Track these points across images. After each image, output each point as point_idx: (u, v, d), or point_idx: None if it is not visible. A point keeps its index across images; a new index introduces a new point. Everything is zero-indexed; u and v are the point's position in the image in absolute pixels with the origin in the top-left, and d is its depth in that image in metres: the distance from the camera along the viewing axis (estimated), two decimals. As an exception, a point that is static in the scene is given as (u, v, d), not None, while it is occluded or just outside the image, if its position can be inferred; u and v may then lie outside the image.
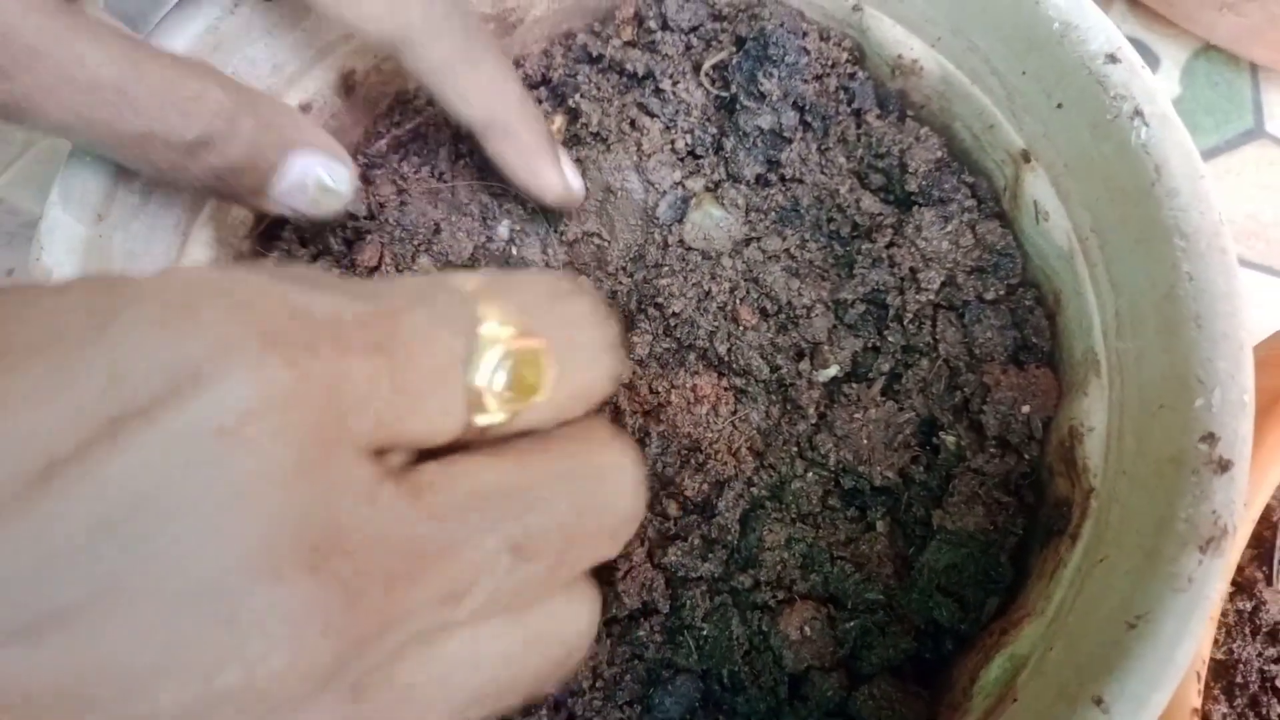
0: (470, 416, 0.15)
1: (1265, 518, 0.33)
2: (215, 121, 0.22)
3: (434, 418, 0.14)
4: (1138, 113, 0.24)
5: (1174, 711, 0.23)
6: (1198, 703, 0.23)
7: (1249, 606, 0.32)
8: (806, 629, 0.26)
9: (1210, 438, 0.21)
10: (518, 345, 0.15)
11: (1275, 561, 0.32)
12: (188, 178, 0.23)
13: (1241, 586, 0.32)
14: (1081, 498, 0.25)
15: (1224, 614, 0.32)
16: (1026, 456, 0.27)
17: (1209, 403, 0.22)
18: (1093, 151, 0.25)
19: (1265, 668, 0.31)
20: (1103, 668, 0.20)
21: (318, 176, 0.25)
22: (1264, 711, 0.31)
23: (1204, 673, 0.24)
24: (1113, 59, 0.25)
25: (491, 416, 0.15)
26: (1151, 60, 0.51)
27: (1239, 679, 0.31)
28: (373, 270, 0.29)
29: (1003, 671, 0.24)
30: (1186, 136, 0.24)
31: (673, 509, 0.28)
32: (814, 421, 0.28)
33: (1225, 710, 0.31)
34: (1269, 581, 0.32)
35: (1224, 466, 0.21)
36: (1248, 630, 0.32)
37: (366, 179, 0.29)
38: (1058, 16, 0.25)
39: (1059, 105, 0.26)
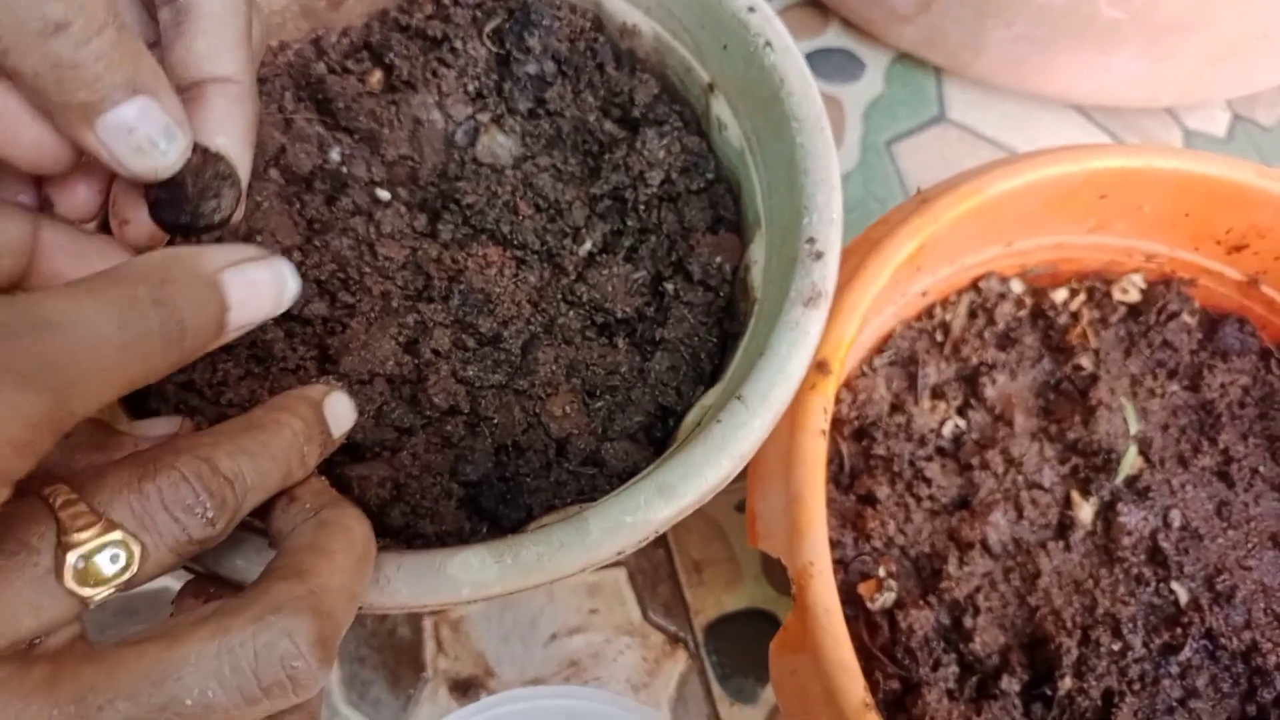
0: (82, 601, 0.20)
1: (914, 359, 0.45)
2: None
3: (33, 623, 0.20)
4: (768, 44, 0.36)
5: (808, 430, 0.34)
6: (825, 426, 0.34)
7: (904, 420, 0.44)
8: (567, 409, 0.36)
9: (811, 240, 0.33)
10: (92, 542, 0.20)
11: (918, 388, 0.45)
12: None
13: (896, 406, 0.44)
14: (749, 307, 0.36)
15: (883, 423, 0.44)
16: (721, 293, 0.38)
17: (810, 220, 0.33)
18: (746, 76, 0.37)
19: (915, 461, 0.43)
20: (744, 380, 0.31)
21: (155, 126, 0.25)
22: (915, 491, 0.43)
23: (829, 413, 0.35)
24: (752, 10, 0.37)
25: (99, 593, 0.21)
26: (859, 66, 0.66)
27: (896, 468, 0.43)
28: (234, 176, 0.38)
29: (696, 415, 0.34)
30: (800, 59, 0.36)
31: (470, 341, 0.37)
32: (574, 278, 0.39)
33: (888, 491, 0.43)
34: (915, 402, 0.45)
35: (819, 255, 0.33)
36: (903, 436, 0.44)
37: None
38: (717, -17, 0.37)
39: (725, 47, 0.38)
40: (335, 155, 0.40)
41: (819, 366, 0.35)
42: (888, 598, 0.40)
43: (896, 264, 0.37)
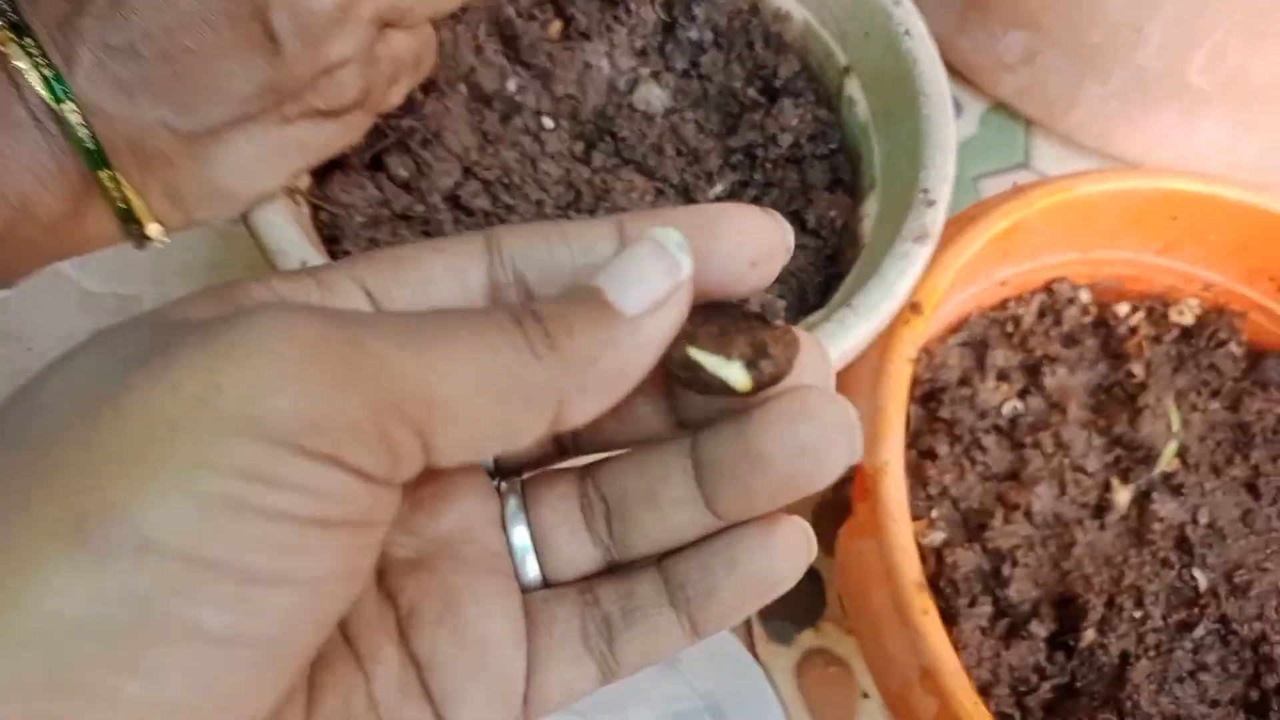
0: None
1: (985, 343, 0.51)
2: None
3: None
4: (907, 32, 0.42)
5: (897, 355, 0.39)
6: (912, 355, 0.40)
7: (970, 393, 0.49)
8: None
9: (925, 190, 0.39)
10: None
11: (986, 368, 0.50)
12: None
13: (964, 380, 0.49)
14: (857, 253, 0.42)
15: (951, 391, 0.49)
16: (830, 241, 0.44)
17: (927, 174, 0.39)
18: (883, 59, 0.43)
19: (974, 430, 0.48)
20: (856, 292, 0.37)
21: None
22: (971, 455, 0.48)
23: (916, 347, 0.40)
24: (897, 4, 0.43)
25: None
26: (958, 109, 0.72)
27: (957, 432, 0.48)
28: (432, 82, 0.44)
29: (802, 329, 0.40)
30: (932, 45, 0.42)
31: (611, 249, 0.43)
32: (704, 212, 0.44)
33: (947, 450, 0.48)
34: (982, 380, 0.50)
35: (931, 203, 0.38)
36: (966, 405, 0.49)
37: (436, 27, 0.45)
38: (869, -22, 0.43)
39: (867, 34, 0.44)
40: (512, 85, 0.47)
41: (913, 307, 0.40)
42: (937, 537, 0.45)
43: (990, 236, 0.42)
